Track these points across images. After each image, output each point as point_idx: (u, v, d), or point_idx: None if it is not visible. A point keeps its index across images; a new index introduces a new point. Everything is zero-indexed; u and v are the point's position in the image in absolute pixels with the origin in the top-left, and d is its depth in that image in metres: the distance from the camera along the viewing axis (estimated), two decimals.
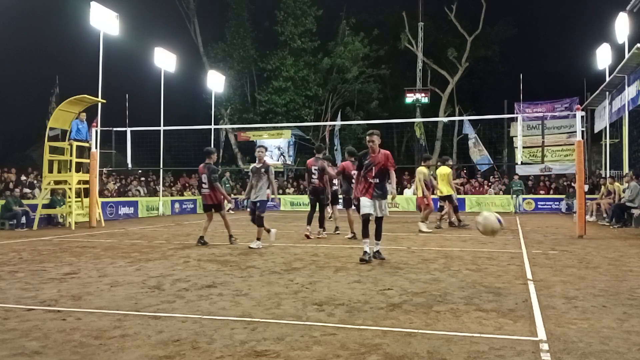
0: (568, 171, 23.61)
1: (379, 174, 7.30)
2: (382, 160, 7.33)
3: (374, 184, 7.25)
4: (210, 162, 9.75)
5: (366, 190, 7.28)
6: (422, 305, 4.59)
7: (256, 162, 9.17)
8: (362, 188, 7.35)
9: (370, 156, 7.40)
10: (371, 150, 7.41)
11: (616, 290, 5.27)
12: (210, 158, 9.81)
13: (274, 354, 3.30)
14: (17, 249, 9.01)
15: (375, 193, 7.26)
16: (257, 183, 8.93)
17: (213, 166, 9.77)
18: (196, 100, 30.01)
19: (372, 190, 7.24)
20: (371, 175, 7.28)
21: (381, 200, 7.30)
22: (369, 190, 7.26)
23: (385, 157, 7.39)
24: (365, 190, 7.30)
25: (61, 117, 14.93)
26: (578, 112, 11.81)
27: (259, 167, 9.01)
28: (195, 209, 22.73)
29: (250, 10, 30.71)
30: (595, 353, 3.30)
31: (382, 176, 7.34)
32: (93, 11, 15.68)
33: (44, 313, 4.38)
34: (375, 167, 7.28)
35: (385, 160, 7.36)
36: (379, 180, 7.30)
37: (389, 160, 7.41)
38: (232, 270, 6.60)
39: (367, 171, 7.32)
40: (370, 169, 7.30)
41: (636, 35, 17.32)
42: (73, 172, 14.12)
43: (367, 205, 7.23)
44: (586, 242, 9.89)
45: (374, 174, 7.27)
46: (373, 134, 7.43)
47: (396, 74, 32.99)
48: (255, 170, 9.04)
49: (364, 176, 7.34)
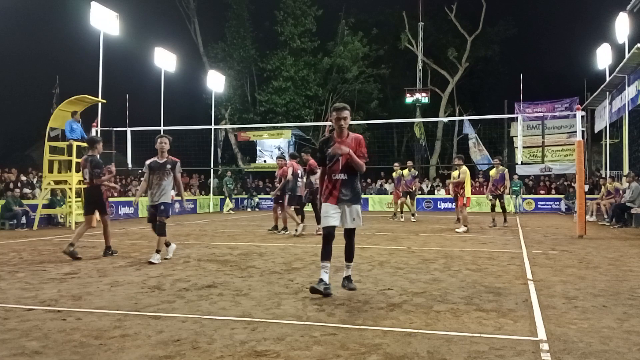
0: (568, 171, 23.62)
1: (347, 168, 5.20)
2: (351, 147, 5.20)
3: (341, 181, 5.19)
4: (94, 154, 8.12)
5: (330, 193, 5.23)
6: (422, 305, 4.59)
7: (157, 157, 7.56)
8: (325, 189, 5.32)
9: (336, 141, 5.24)
10: (337, 133, 5.28)
11: (616, 290, 5.27)
12: (94, 149, 8.17)
13: (274, 354, 3.30)
14: (17, 249, 9.01)
15: (343, 195, 5.18)
16: (159, 182, 7.42)
17: (97, 159, 8.12)
18: (196, 100, 30.04)
19: (337, 192, 5.19)
20: (337, 169, 5.20)
21: (352, 205, 5.22)
22: (333, 192, 5.21)
23: (356, 142, 5.25)
24: (329, 192, 5.25)
25: (61, 117, 14.94)
26: (578, 112, 11.81)
27: (163, 163, 7.45)
28: (195, 209, 22.75)
29: (250, 10, 30.76)
30: (596, 353, 3.30)
31: (353, 171, 5.24)
32: (93, 11, 15.68)
33: (44, 313, 4.38)
34: (343, 157, 5.19)
35: (356, 146, 5.22)
36: (348, 176, 5.21)
37: (360, 147, 5.25)
38: (232, 270, 6.59)
39: (332, 164, 5.23)
40: (335, 160, 5.22)
41: (636, 35, 17.32)
42: (73, 172, 14.12)
43: (330, 214, 5.17)
44: (586, 242, 9.88)
45: (341, 167, 5.19)
46: (345, 109, 5.26)
47: (396, 74, 33.01)
48: (157, 166, 7.45)
49: (328, 171, 5.30)
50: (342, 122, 5.19)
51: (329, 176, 5.29)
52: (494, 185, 13.87)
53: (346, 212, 5.24)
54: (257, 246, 9.27)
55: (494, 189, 13.89)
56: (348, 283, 5.38)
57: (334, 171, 5.23)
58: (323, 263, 5.15)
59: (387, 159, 28.24)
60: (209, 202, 23.93)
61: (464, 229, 11.87)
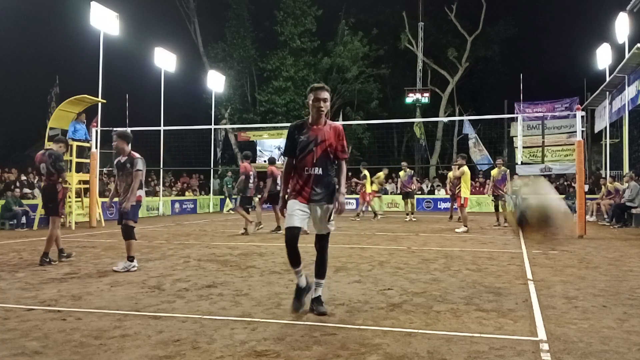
0: (568, 171, 23.62)
1: (323, 161, 4.31)
2: (330, 137, 4.32)
3: (314, 177, 4.29)
4: (53, 149, 7.62)
5: (300, 189, 4.33)
6: (422, 305, 4.58)
7: (120, 156, 6.89)
8: (293, 185, 4.43)
9: (311, 129, 4.34)
10: (314, 118, 4.35)
11: (616, 290, 5.27)
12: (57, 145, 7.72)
13: (274, 354, 3.30)
14: (17, 249, 9.02)
15: (315, 194, 4.29)
16: (123, 182, 6.83)
17: (58, 153, 7.55)
18: (196, 100, 30.05)
19: (308, 189, 4.29)
20: (310, 162, 4.29)
21: (324, 205, 4.33)
22: (304, 188, 4.31)
23: (335, 132, 4.36)
24: (298, 189, 4.35)
25: (61, 117, 14.95)
26: (578, 112, 11.81)
27: (124, 162, 6.80)
28: (195, 209, 22.75)
29: (250, 10, 30.77)
30: (596, 353, 3.30)
31: (328, 165, 4.35)
32: (93, 11, 15.68)
33: (44, 313, 4.38)
34: (319, 148, 4.30)
35: (335, 138, 4.35)
36: (323, 171, 4.32)
37: (339, 139, 4.38)
38: (232, 270, 6.59)
39: (304, 155, 4.32)
40: (309, 151, 4.30)
41: (636, 35, 17.33)
42: (73, 172, 14.13)
43: (295, 214, 4.28)
44: (586, 242, 9.88)
45: (316, 159, 4.29)
46: (324, 89, 4.35)
47: (396, 74, 33.01)
48: (120, 165, 6.84)
49: (298, 165, 4.37)
50: (322, 105, 4.29)
51: (299, 170, 4.34)
52: (496, 186, 13.89)
53: (317, 214, 4.32)
54: (257, 246, 9.27)
55: (495, 189, 13.90)
56: (317, 306, 4.28)
57: (307, 164, 4.29)
58: (295, 268, 4.39)
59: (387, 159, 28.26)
60: (209, 202, 23.93)
61: (464, 229, 11.88)
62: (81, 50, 22.75)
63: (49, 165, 7.34)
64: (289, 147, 4.43)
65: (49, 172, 7.37)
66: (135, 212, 6.82)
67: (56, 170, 7.37)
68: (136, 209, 6.86)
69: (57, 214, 7.46)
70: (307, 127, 4.36)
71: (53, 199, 7.43)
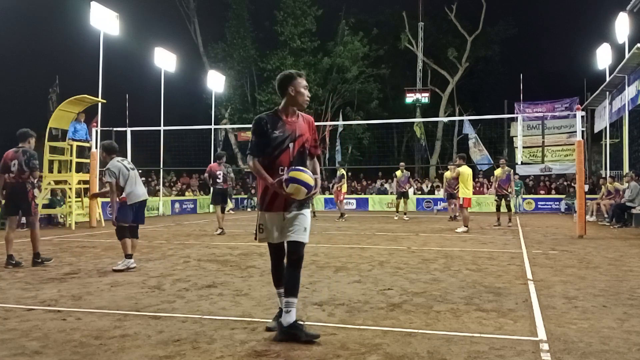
0: (568, 171, 23.62)
1: (299, 159, 3.73)
2: (305, 131, 3.78)
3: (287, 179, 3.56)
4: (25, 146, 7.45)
5: (274, 197, 3.67)
6: (422, 305, 4.59)
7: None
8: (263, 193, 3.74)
9: (286, 122, 3.71)
10: (289, 111, 3.75)
11: (616, 290, 5.27)
12: (26, 142, 7.49)
13: (274, 354, 3.30)
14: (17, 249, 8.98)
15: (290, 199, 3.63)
16: None
17: (33, 151, 7.41)
18: (196, 100, 30.04)
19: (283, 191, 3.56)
20: (286, 161, 3.68)
21: (301, 210, 3.70)
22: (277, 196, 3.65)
23: (309, 125, 3.83)
24: (273, 195, 3.67)
25: (61, 117, 14.94)
26: (578, 112, 11.81)
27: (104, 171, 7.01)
28: (195, 209, 22.74)
29: (250, 10, 30.79)
30: (596, 353, 3.30)
31: (304, 163, 3.76)
32: (93, 11, 15.67)
33: (44, 313, 4.38)
34: (296, 144, 3.71)
35: (310, 131, 3.82)
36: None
37: (314, 132, 3.88)
38: (232, 270, 6.60)
39: (278, 153, 3.68)
40: (285, 148, 3.69)
41: (636, 35, 17.33)
42: (73, 172, 14.13)
43: (273, 227, 3.70)
44: (586, 242, 9.89)
45: (292, 157, 3.70)
46: (303, 77, 3.79)
47: (396, 74, 33.02)
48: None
49: (270, 165, 3.68)
50: (303, 92, 3.70)
51: (271, 172, 3.65)
52: (500, 186, 13.87)
53: (292, 221, 3.65)
54: (257, 246, 9.25)
55: (500, 189, 13.90)
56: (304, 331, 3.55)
57: (282, 163, 3.66)
58: (278, 290, 3.84)
59: (387, 159, 28.28)
60: (208, 202, 23.89)
61: (464, 229, 11.87)
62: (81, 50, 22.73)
63: (22, 162, 7.17)
64: (260, 144, 3.67)
65: (20, 170, 7.15)
66: (123, 212, 6.83)
67: (29, 169, 7.21)
68: (124, 210, 6.84)
69: (31, 213, 7.28)
70: (282, 121, 3.70)
71: (24, 199, 7.22)
